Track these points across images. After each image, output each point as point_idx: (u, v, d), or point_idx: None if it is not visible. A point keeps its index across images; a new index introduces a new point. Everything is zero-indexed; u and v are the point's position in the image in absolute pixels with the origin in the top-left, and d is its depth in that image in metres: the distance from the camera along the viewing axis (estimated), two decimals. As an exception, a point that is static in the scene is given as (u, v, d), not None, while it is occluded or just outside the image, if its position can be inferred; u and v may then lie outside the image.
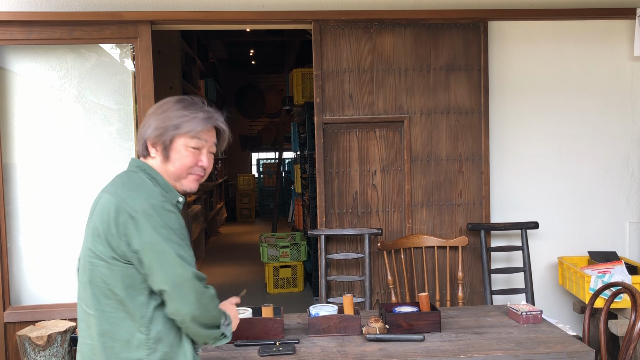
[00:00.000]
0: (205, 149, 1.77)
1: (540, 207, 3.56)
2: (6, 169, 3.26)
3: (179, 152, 1.73)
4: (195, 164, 1.76)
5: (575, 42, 3.54)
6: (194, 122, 1.73)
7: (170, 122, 1.72)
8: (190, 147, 1.74)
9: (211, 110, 1.81)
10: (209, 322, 1.69)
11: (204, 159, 1.77)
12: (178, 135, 1.72)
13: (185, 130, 1.72)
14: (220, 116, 1.83)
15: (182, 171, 1.74)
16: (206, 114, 1.77)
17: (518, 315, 2.47)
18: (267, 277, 5.95)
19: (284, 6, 3.30)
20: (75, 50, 3.34)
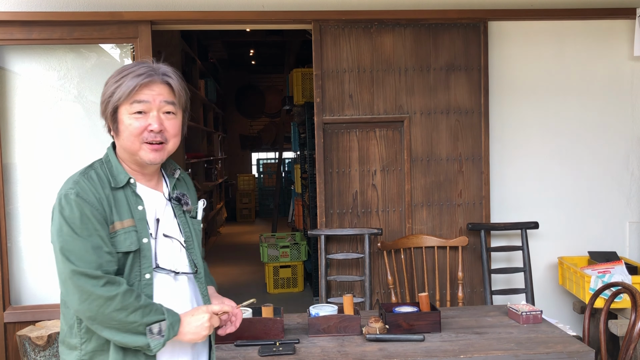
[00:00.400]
0: (153, 110, 1.59)
1: (540, 207, 3.56)
2: (6, 169, 3.26)
3: (123, 122, 1.59)
4: (144, 129, 1.58)
5: (575, 42, 3.55)
6: (125, 83, 1.57)
7: (107, 93, 1.59)
8: (132, 113, 1.58)
9: (147, 63, 1.62)
10: (117, 327, 1.51)
11: (152, 122, 1.58)
12: (117, 105, 1.58)
13: (120, 95, 1.56)
14: (163, 67, 1.64)
15: (132, 142, 1.59)
16: (138, 70, 1.59)
17: (518, 315, 2.47)
18: (267, 277, 5.95)
19: (284, 6, 3.30)
20: (75, 50, 3.34)
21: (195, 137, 7.39)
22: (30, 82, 3.31)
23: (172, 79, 1.63)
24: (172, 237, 1.68)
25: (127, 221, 1.58)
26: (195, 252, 1.73)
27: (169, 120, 1.63)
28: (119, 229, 1.57)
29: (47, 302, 3.29)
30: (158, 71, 1.62)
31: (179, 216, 1.72)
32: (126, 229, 1.57)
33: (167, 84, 1.62)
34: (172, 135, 1.64)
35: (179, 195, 1.73)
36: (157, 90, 1.60)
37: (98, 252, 1.52)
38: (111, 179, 1.61)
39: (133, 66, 1.61)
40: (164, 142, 1.62)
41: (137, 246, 1.58)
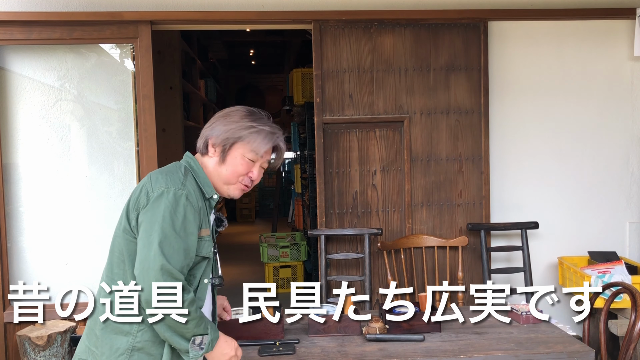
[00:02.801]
0: (259, 162, 1.84)
1: (540, 207, 3.56)
2: (6, 169, 3.26)
3: (235, 159, 1.80)
4: (246, 173, 1.82)
5: (575, 42, 3.54)
6: (257, 137, 1.79)
7: (236, 131, 1.79)
8: (246, 157, 1.81)
9: (275, 127, 1.85)
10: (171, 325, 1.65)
11: (255, 171, 1.84)
12: (239, 143, 1.79)
13: (247, 142, 1.79)
14: (281, 135, 1.88)
15: (232, 177, 1.81)
16: (270, 131, 1.82)
17: (518, 315, 2.47)
18: (267, 277, 5.95)
19: (284, 6, 3.29)
20: (75, 50, 3.33)
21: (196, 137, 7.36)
22: (30, 82, 3.31)
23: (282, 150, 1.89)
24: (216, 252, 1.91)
25: (206, 230, 1.78)
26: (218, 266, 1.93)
27: (261, 172, 1.88)
28: (205, 235, 1.76)
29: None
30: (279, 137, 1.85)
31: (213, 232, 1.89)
32: (206, 237, 1.77)
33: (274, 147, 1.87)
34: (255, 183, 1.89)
35: (219, 216, 1.92)
36: (270, 150, 1.86)
37: (187, 254, 1.68)
38: (206, 192, 1.81)
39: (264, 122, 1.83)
40: (249, 187, 1.86)
41: (210, 254, 1.80)
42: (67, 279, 3.34)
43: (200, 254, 1.76)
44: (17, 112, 3.29)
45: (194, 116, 7.09)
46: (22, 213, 3.30)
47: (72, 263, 3.35)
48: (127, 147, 3.38)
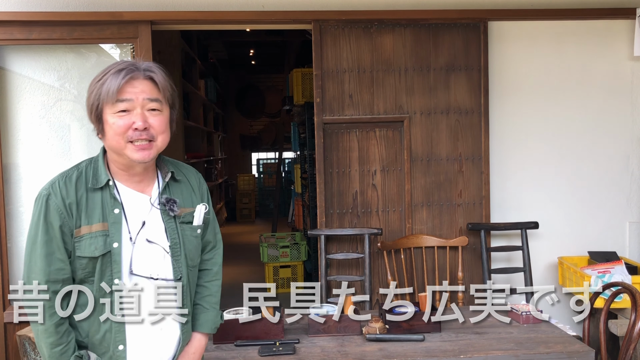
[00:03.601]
0: (137, 108, 1.55)
1: (540, 207, 3.56)
2: (6, 169, 3.26)
3: (108, 122, 1.55)
4: (128, 127, 1.54)
5: (575, 42, 3.54)
6: (106, 83, 1.53)
7: (91, 97, 1.56)
8: (116, 112, 1.54)
9: (127, 61, 1.58)
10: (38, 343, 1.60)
11: (136, 119, 1.54)
12: (101, 106, 1.54)
13: (103, 96, 1.52)
14: (145, 63, 1.60)
15: (117, 142, 1.55)
16: (118, 67, 1.55)
17: (518, 315, 2.47)
18: (267, 277, 5.95)
19: (284, 6, 3.30)
20: (75, 50, 3.34)
21: (195, 137, 7.39)
22: (30, 82, 3.31)
23: (155, 74, 1.59)
24: (154, 242, 1.64)
25: (97, 225, 1.57)
26: (180, 259, 1.67)
27: (155, 116, 1.58)
28: (85, 233, 1.57)
29: (47, 302, 3.29)
30: (140, 67, 1.57)
31: (166, 222, 1.67)
32: (93, 234, 1.56)
33: (150, 79, 1.58)
34: (159, 132, 1.59)
35: (165, 199, 1.66)
36: (139, 87, 1.55)
37: (49, 259, 1.55)
38: (91, 180, 1.60)
39: (114, 65, 1.57)
40: (151, 140, 1.57)
41: (103, 251, 1.56)
42: (67, 279, 3.34)
43: (84, 255, 1.56)
44: (17, 112, 3.29)
45: (194, 116, 7.09)
46: (22, 213, 3.31)
47: (72, 263, 3.35)
48: (127, 147, 3.38)
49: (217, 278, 1.86)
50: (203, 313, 1.79)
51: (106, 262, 1.57)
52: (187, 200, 1.74)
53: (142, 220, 1.62)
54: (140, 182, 1.66)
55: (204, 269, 1.84)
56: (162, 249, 1.65)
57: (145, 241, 1.62)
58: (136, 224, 1.62)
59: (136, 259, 1.61)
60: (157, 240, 1.65)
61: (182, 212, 1.70)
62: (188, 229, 1.71)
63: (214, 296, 1.84)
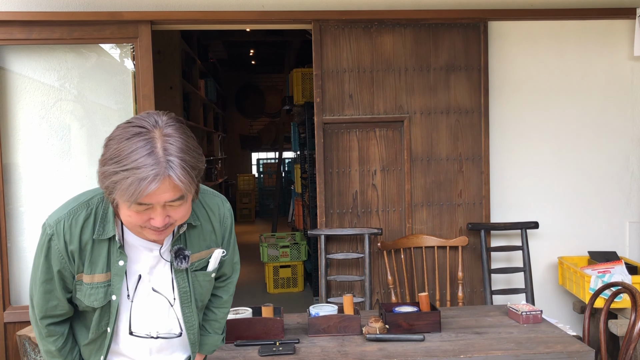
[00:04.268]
0: (158, 207, 1.34)
1: (540, 207, 3.56)
2: (6, 169, 3.26)
3: (122, 211, 1.37)
4: (144, 222, 1.37)
5: (575, 42, 3.55)
6: (125, 189, 1.28)
7: (104, 180, 1.32)
8: (131, 208, 1.34)
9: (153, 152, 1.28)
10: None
11: (156, 218, 1.35)
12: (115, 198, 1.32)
13: (119, 196, 1.30)
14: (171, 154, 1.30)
15: (131, 227, 1.42)
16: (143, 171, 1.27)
17: (518, 315, 2.47)
18: (267, 277, 5.95)
19: (284, 6, 3.30)
20: (75, 50, 3.34)
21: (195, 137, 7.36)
22: (30, 82, 3.31)
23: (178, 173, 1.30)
24: (160, 293, 1.55)
25: (99, 276, 1.48)
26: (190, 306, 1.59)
27: (176, 208, 1.38)
28: (87, 282, 1.48)
29: (47, 302, 3.29)
30: (164, 169, 1.28)
31: (175, 272, 1.55)
32: (94, 285, 1.48)
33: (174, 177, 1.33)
34: (180, 217, 1.41)
35: (175, 251, 1.52)
36: (162, 192, 1.31)
37: (47, 297, 1.53)
38: (98, 228, 1.47)
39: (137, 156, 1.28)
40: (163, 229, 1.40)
41: (102, 303, 1.50)
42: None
43: (83, 303, 1.50)
44: (17, 112, 3.29)
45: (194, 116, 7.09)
46: (22, 213, 3.31)
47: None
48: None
49: (226, 306, 1.78)
50: (205, 336, 1.75)
51: (104, 312, 1.53)
52: (203, 243, 1.60)
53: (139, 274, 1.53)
54: None
55: (215, 295, 1.76)
56: (166, 301, 1.56)
57: (146, 295, 1.54)
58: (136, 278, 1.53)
59: (136, 315, 1.55)
60: (162, 291, 1.55)
61: (196, 259, 1.59)
62: (201, 275, 1.61)
63: (219, 322, 1.78)
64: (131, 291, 1.52)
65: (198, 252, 1.58)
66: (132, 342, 1.58)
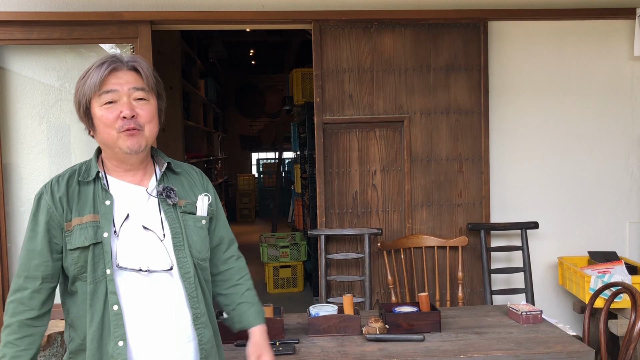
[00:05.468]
0: (123, 97, 1.57)
1: (540, 207, 3.56)
2: (6, 169, 3.26)
3: (96, 116, 1.57)
4: (117, 117, 1.56)
5: (575, 42, 3.55)
6: (90, 78, 1.57)
7: (77, 94, 1.60)
8: (103, 105, 1.56)
9: (109, 55, 1.62)
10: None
11: (123, 108, 1.55)
12: (88, 100, 1.58)
13: (88, 89, 1.57)
14: (129, 56, 1.63)
15: (108, 134, 1.57)
16: (101, 61, 1.59)
17: (518, 315, 2.47)
18: (267, 277, 5.95)
19: (284, 6, 3.30)
20: (75, 50, 3.34)
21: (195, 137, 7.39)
22: (30, 82, 3.31)
23: (138, 63, 1.61)
24: (150, 230, 1.61)
25: (87, 217, 1.56)
26: (184, 249, 1.63)
27: (142, 106, 1.59)
28: (76, 224, 1.56)
29: (47, 302, 3.29)
30: (122, 60, 1.60)
31: (165, 211, 1.64)
32: (83, 225, 1.55)
33: (134, 69, 1.61)
34: (147, 121, 1.60)
35: (162, 188, 1.65)
36: (124, 77, 1.58)
37: (30, 255, 1.57)
38: (83, 174, 1.62)
39: (98, 61, 1.61)
40: (140, 129, 1.58)
41: (93, 241, 1.54)
42: (67, 279, 3.34)
43: (74, 246, 1.55)
44: (17, 112, 3.29)
45: (193, 116, 7.09)
46: (22, 213, 3.31)
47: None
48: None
49: (246, 272, 1.88)
50: (252, 308, 1.83)
51: (98, 253, 1.55)
52: (189, 192, 1.72)
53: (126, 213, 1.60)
54: (135, 176, 1.66)
55: (230, 268, 1.85)
56: (155, 237, 1.61)
57: (134, 232, 1.59)
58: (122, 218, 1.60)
59: (123, 250, 1.57)
60: (153, 228, 1.62)
61: (183, 202, 1.68)
62: (191, 219, 1.68)
63: (251, 290, 1.87)
64: (117, 228, 1.58)
65: (183, 197, 1.70)
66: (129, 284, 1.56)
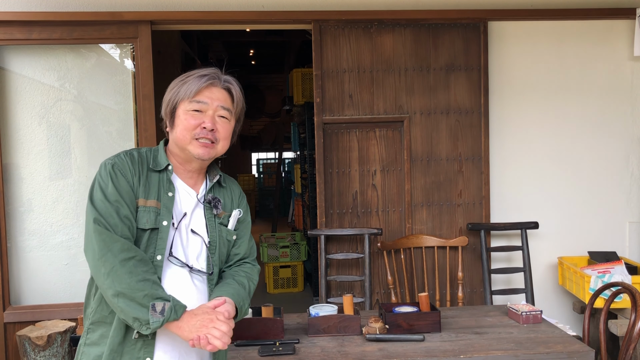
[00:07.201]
0: (210, 111, 1.69)
1: (540, 207, 3.56)
2: (6, 169, 3.26)
3: (180, 117, 1.69)
4: (197, 126, 1.67)
5: (575, 42, 3.54)
6: (189, 84, 1.69)
7: (172, 92, 1.71)
8: (190, 110, 1.68)
9: (211, 69, 1.74)
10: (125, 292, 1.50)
11: (206, 120, 1.68)
12: (179, 101, 1.70)
13: (183, 93, 1.68)
14: (227, 76, 1.76)
15: (184, 136, 1.68)
16: (202, 73, 1.71)
17: (518, 315, 2.47)
18: (267, 277, 5.95)
19: (284, 6, 3.30)
20: (75, 50, 3.34)
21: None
22: (30, 82, 3.31)
23: (233, 86, 1.75)
24: (198, 234, 1.71)
25: (151, 201, 1.64)
26: (216, 256, 1.74)
27: (222, 123, 1.71)
28: (141, 205, 1.63)
29: (47, 302, 3.30)
30: (221, 78, 1.74)
31: (208, 219, 1.75)
32: (147, 208, 1.63)
33: (227, 90, 1.74)
34: (223, 138, 1.72)
35: (211, 198, 1.77)
36: (216, 94, 1.71)
37: (120, 217, 1.57)
38: (151, 162, 1.70)
39: (198, 70, 1.73)
40: (214, 142, 1.69)
41: (152, 225, 1.62)
42: (67, 278, 3.34)
43: (138, 226, 1.61)
44: (17, 112, 3.29)
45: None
46: (22, 213, 3.31)
47: (72, 263, 3.35)
48: (127, 147, 3.37)
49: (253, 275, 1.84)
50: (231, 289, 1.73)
51: (152, 238, 1.62)
52: (228, 205, 1.83)
53: (184, 212, 1.70)
54: (191, 179, 1.76)
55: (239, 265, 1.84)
56: (202, 242, 1.72)
57: (188, 231, 1.70)
58: (181, 214, 1.70)
59: (176, 244, 1.66)
60: (200, 233, 1.72)
61: (222, 214, 1.79)
62: (225, 230, 1.78)
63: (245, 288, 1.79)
64: (176, 221, 1.68)
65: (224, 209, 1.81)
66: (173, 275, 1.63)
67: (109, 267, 1.51)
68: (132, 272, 1.51)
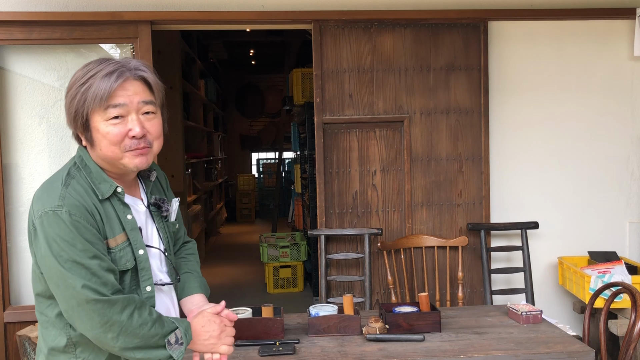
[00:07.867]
0: (132, 112, 1.41)
1: (540, 207, 3.56)
2: (6, 169, 3.26)
3: (99, 131, 1.39)
4: (124, 136, 1.40)
5: (575, 42, 3.55)
6: (94, 87, 1.37)
7: (76, 101, 1.39)
8: (109, 120, 1.38)
9: (113, 62, 1.41)
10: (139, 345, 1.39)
11: (133, 126, 1.40)
12: (90, 112, 1.38)
13: (91, 101, 1.36)
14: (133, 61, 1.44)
15: (112, 151, 1.40)
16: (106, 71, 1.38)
17: (518, 315, 2.47)
18: (267, 277, 5.95)
19: (284, 6, 3.30)
20: (75, 50, 3.34)
21: (195, 137, 7.39)
22: (30, 82, 3.31)
23: (145, 72, 1.45)
24: (154, 247, 1.55)
25: (120, 237, 1.44)
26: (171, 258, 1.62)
27: (150, 121, 1.46)
28: (113, 246, 1.43)
29: (47, 302, 3.29)
30: (128, 66, 1.42)
31: (157, 222, 1.59)
32: (120, 246, 1.44)
33: (141, 79, 1.45)
34: (156, 137, 1.48)
35: (157, 200, 1.58)
36: (132, 89, 1.41)
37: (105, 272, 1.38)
38: (96, 189, 1.43)
39: (98, 64, 1.42)
40: (149, 147, 1.45)
41: (133, 262, 1.45)
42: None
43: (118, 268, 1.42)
44: (17, 112, 3.29)
45: (193, 116, 7.09)
46: (22, 213, 3.31)
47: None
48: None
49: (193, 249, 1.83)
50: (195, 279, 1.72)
51: (134, 272, 1.47)
52: (168, 197, 1.69)
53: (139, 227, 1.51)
54: (130, 187, 1.55)
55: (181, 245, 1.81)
56: (161, 253, 1.58)
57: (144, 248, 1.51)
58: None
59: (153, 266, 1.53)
60: (155, 244, 1.57)
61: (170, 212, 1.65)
62: (171, 225, 1.65)
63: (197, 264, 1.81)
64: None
65: None
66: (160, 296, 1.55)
67: (117, 330, 1.37)
68: (141, 324, 1.39)
